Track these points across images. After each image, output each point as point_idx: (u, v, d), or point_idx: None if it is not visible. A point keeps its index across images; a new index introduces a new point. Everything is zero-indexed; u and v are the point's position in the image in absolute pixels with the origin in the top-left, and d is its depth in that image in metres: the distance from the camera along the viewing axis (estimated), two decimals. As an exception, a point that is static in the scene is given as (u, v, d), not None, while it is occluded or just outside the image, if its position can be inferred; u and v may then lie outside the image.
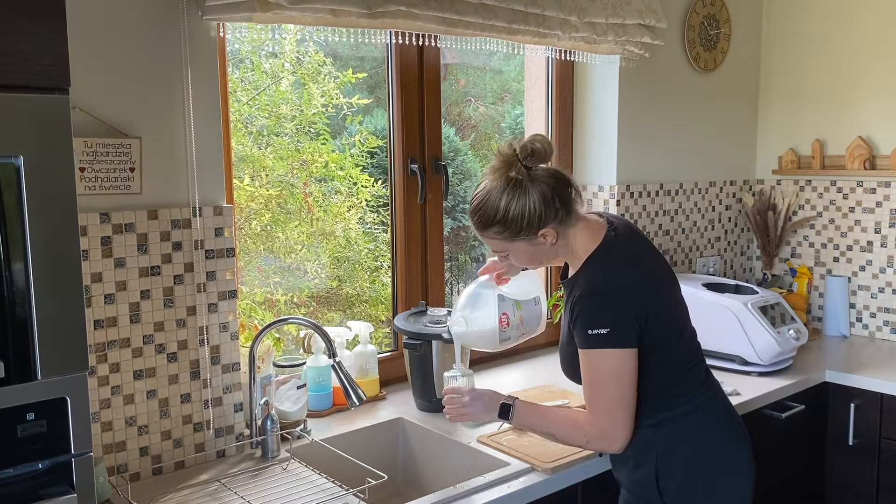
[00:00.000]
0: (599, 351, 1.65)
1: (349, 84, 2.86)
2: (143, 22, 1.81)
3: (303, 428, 2.10)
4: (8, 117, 1.17)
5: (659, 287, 1.76)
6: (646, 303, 1.68)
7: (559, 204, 1.69)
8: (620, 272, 1.70)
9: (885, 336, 3.13)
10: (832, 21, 3.18)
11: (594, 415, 1.69)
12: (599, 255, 1.71)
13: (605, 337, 1.63)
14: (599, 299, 1.66)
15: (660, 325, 1.70)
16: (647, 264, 1.78)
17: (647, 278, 1.74)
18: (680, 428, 1.73)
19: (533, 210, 1.66)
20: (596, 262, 1.71)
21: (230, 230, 1.98)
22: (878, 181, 3.10)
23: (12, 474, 1.23)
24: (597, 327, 1.63)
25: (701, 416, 1.75)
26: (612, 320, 1.63)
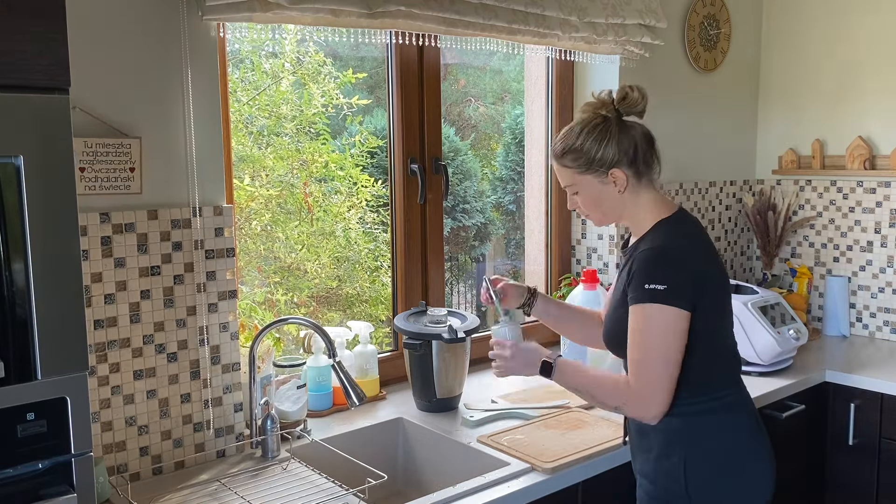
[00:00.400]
0: (653, 306, 1.63)
1: (349, 84, 2.87)
2: (143, 22, 1.81)
3: (303, 428, 2.10)
4: (8, 117, 1.17)
5: (719, 275, 1.76)
6: (705, 277, 1.69)
7: (638, 154, 1.73)
8: (688, 241, 1.72)
9: (885, 336, 3.13)
10: (832, 21, 3.18)
11: (636, 375, 1.67)
12: (671, 222, 1.73)
13: (661, 293, 1.62)
14: (663, 255, 1.66)
15: (712, 309, 1.70)
16: (713, 253, 1.79)
17: (711, 261, 1.75)
18: (711, 422, 1.72)
19: (610, 147, 1.71)
20: (664, 227, 1.73)
21: (230, 230, 1.98)
22: (878, 181, 3.10)
23: (12, 474, 1.23)
24: (655, 282, 1.63)
25: (732, 414, 1.75)
26: (671, 277, 1.63)
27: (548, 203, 3.01)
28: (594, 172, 1.73)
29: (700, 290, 1.66)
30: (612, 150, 1.71)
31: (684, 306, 1.63)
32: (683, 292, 1.64)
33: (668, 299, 1.62)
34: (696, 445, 1.72)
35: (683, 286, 1.64)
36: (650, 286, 1.63)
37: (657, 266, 1.65)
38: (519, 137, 3.42)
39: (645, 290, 1.64)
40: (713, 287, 1.72)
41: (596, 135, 1.72)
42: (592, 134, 1.72)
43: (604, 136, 1.71)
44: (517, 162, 3.52)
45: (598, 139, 1.71)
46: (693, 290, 1.65)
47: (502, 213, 3.73)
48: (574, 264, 3.06)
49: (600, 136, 1.71)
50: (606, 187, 1.74)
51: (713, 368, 1.74)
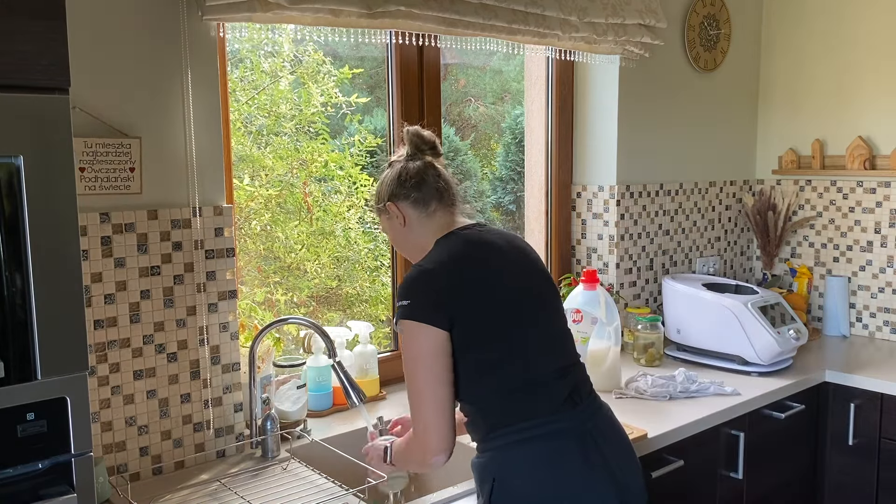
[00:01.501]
0: (402, 322, 1.57)
1: (347, 81, 2.86)
2: (143, 22, 1.81)
3: (303, 428, 2.10)
4: (8, 117, 1.17)
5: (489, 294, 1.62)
6: (465, 294, 1.59)
7: (410, 185, 1.70)
8: (451, 256, 1.63)
9: (885, 336, 3.13)
10: (832, 21, 3.18)
11: (411, 411, 1.60)
12: (441, 240, 1.69)
13: (406, 308, 1.57)
14: (414, 271, 1.62)
15: (483, 330, 1.59)
16: (488, 254, 1.66)
17: (476, 271, 1.63)
18: (516, 455, 1.58)
19: (384, 185, 1.74)
20: (433, 248, 1.68)
21: (230, 230, 1.98)
22: (878, 181, 3.10)
23: (12, 474, 1.23)
24: (402, 298, 1.59)
25: (542, 447, 1.57)
26: (415, 293, 1.58)
27: (548, 203, 3.01)
28: (380, 212, 1.78)
29: (460, 305, 1.57)
30: (386, 188, 1.74)
31: (433, 322, 1.54)
32: (431, 307, 1.56)
33: (414, 314, 1.56)
34: (504, 484, 1.58)
35: (432, 302, 1.56)
36: (399, 303, 1.59)
37: (406, 283, 1.61)
38: (519, 137, 3.42)
39: (398, 308, 1.59)
40: (481, 302, 1.59)
41: (381, 177, 1.78)
42: (380, 178, 1.79)
43: (382, 180, 1.76)
44: (517, 162, 3.52)
45: (380, 183, 1.77)
46: (448, 307, 1.56)
47: (502, 213, 3.73)
48: (574, 264, 3.06)
49: (382, 177, 1.77)
50: (392, 223, 1.75)
51: (503, 397, 1.60)
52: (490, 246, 1.69)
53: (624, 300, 2.96)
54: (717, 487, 2.35)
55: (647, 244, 3.05)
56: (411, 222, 1.72)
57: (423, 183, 1.71)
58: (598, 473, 1.59)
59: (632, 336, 2.78)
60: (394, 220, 1.74)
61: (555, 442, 1.58)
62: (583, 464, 1.58)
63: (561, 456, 1.57)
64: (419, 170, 1.72)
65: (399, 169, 1.73)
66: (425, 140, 1.75)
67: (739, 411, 2.35)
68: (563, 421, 1.60)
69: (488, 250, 1.68)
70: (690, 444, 2.19)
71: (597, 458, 1.59)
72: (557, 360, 1.67)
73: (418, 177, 1.71)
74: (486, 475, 1.60)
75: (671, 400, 2.35)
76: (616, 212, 2.92)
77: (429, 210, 1.71)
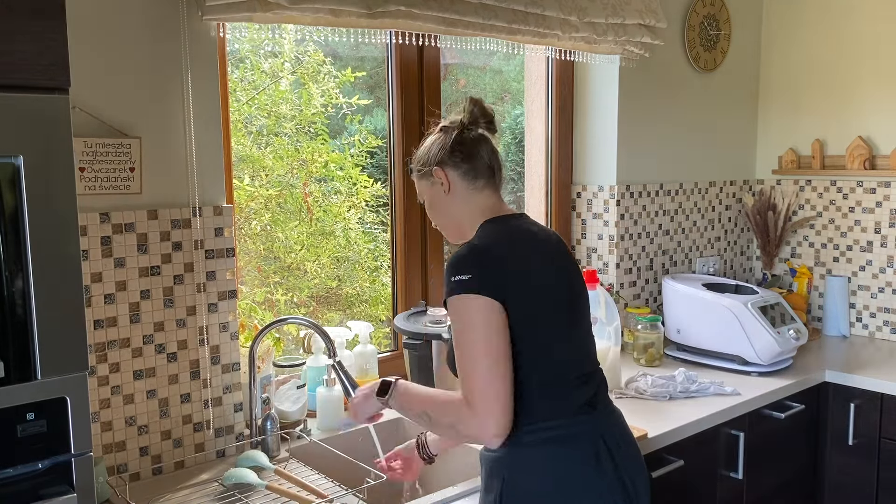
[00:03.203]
0: (460, 297, 1.51)
1: (349, 83, 2.86)
2: (143, 22, 1.81)
3: (302, 428, 2.10)
4: (8, 117, 1.17)
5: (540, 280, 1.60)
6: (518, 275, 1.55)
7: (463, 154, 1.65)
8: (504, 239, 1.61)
9: (885, 336, 3.13)
10: (832, 21, 3.18)
11: (464, 384, 1.50)
12: (494, 222, 1.65)
13: (467, 282, 1.50)
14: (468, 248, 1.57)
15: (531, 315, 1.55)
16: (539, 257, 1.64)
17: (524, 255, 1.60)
18: (531, 456, 1.55)
19: (434, 147, 1.68)
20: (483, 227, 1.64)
21: (230, 230, 1.98)
22: (878, 181, 3.10)
23: (12, 474, 1.23)
24: (459, 274, 1.52)
25: (558, 450, 1.55)
26: (471, 267, 1.52)
27: (548, 203, 3.01)
28: (423, 175, 1.71)
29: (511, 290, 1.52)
30: (436, 152, 1.67)
31: (493, 295, 1.50)
32: (487, 281, 1.50)
33: (475, 287, 1.49)
34: (514, 483, 1.56)
35: (487, 276, 1.51)
36: (454, 278, 1.52)
37: (461, 258, 1.55)
38: (519, 137, 3.42)
39: (449, 284, 1.53)
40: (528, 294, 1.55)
41: (427, 142, 1.72)
42: (426, 142, 1.73)
43: (433, 142, 1.70)
44: (517, 162, 3.52)
45: (427, 145, 1.71)
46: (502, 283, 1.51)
47: (502, 213, 3.72)
48: (574, 264, 3.05)
49: (430, 143, 1.71)
50: (434, 189, 1.69)
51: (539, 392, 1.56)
52: (537, 241, 1.66)
53: (624, 300, 2.96)
54: (717, 487, 2.35)
55: (647, 244, 3.05)
56: (456, 192, 1.67)
57: (476, 156, 1.66)
58: (609, 479, 1.58)
59: (632, 336, 2.78)
60: (436, 186, 1.68)
61: (571, 445, 1.56)
62: (595, 469, 1.57)
63: (575, 460, 1.56)
64: (475, 141, 1.67)
65: (454, 135, 1.67)
66: (486, 112, 1.68)
67: (739, 411, 2.35)
68: (581, 425, 1.58)
69: (536, 245, 1.65)
70: (690, 444, 2.19)
71: (608, 464, 1.58)
72: (585, 364, 1.66)
73: (473, 148, 1.66)
74: (496, 471, 1.58)
75: (671, 400, 2.35)
76: (616, 212, 2.92)
77: (477, 185, 1.67)
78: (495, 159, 1.69)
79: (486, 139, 1.69)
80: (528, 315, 1.55)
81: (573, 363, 1.63)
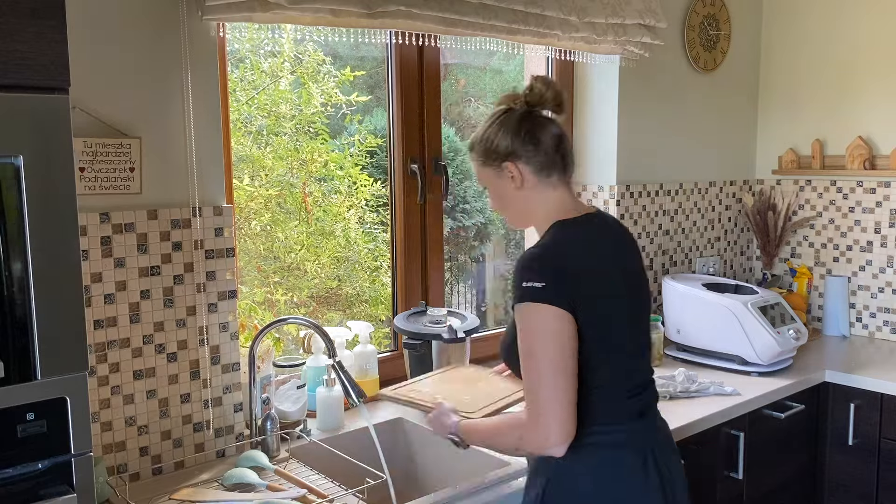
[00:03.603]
0: (529, 305, 1.48)
1: (348, 83, 2.86)
2: (143, 22, 1.80)
3: (302, 428, 2.10)
4: (8, 117, 1.17)
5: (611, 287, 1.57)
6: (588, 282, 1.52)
7: (540, 149, 1.57)
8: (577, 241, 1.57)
9: (885, 336, 3.13)
10: (832, 21, 3.18)
11: (529, 395, 1.49)
12: (567, 223, 1.59)
13: (539, 290, 1.47)
14: (540, 251, 1.54)
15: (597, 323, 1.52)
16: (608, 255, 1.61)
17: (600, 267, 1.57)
18: (579, 458, 1.52)
19: (505, 138, 1.58)
20: (556, 228, 1.59)
21: (230, 230, 1.98)
22: (878, 181, 3.10)
23: (12, 474, 1.23)
24: (531, 280, 1.48)
25: (607, 454, 1.55)
26: (543, 275, 1.48)
27: (548, 203, 3.01)
28: (491, 165, 1.61)
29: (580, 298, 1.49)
30: (507, 142, 1.58)
31: (563, 306, 1.47)
32: (559, 290, 1.47)
33: (547, 298, 1.46)
34: (559, 482, 1.55)
35: (559, 285, 1.47)
36: (526, 284, 1.48)
37: (532, 262, 1.51)
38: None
39: (521, 289, 1.49)
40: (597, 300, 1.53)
41: (495, 126, 1.60)
42: (493, 125, 1.61)
43: (500, 127, 1.59)
44: (517, 162, 3.51)
45: (495, 130, 1.60)
46: (573, 293, 1.48)
47: (502, 213, 3.72)
48: (574, 264, 3.05)
49: (497, 127, 1.60)
50: (503, 181, 1.61)
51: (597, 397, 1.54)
52: (613, 245, 1.63)
53: (624, 300, 2.96)
54: (717, 487, 2.35)
55: (647, 244, 3.05)
56: (528, 186, 1.59)
57: (547, 145, 1.57)
58: (654, 489, 1.56)
59: (632, 336, 2.78)
60: (505, 180, 1.60)
61: (620, 451, 1.55)
62: (642, 478, 1.56)
63: (622, 467, 1.55)
64: (555, 135, 1.59)
65: (519, 117, 1.58)
66: (555, 90, 1.59)
67: (739, 411, 2.35)
68: (632, 432, 1.57)
69: (611, 250, 1.62)
70: (690, 444, 2.19)
71: (654, 473, 1.57)
72: (645, 372, 1.66)
73: (544, 134, 1.58)
74: (541, 469, 1.58)
75: (671, 400, 2.35)
76: (616, 212, 2.92)
77: (551, 179, 1.59)
78: (567, 147, 1.61)
79: (554, 123, 1.61)
80: (597, 322, 1.52)
81: (632, 372, 1.62)
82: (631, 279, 1.64)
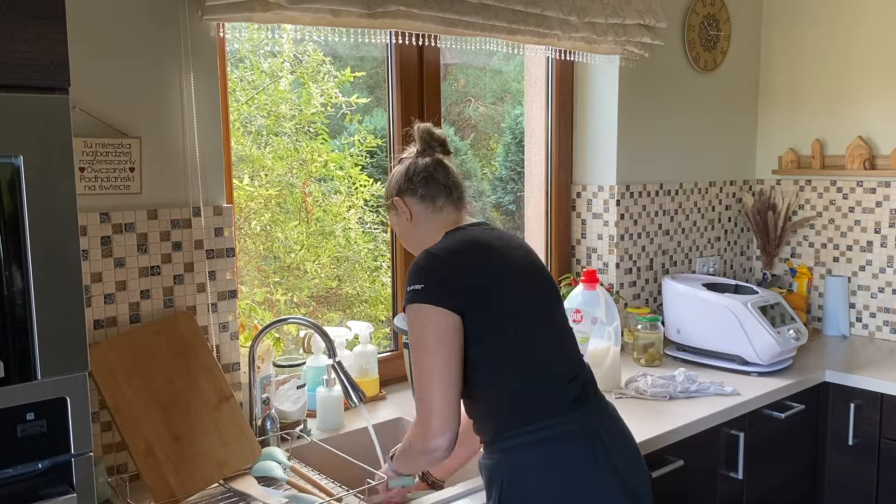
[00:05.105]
0: (412, 306, 1.57)
1: (348, 83, 2.87)
2: (143, 22, 1.81)
3: (302, 428, 2.10)
4: (8, 117, 1.17)
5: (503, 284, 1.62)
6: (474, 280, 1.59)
7: (416, 180, 1.73)
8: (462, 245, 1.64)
9: (884, 336, 3.13)
10: (832, 21, 3.18)
11: (417, 398, 1.58)
12: (451, 232, 1.70)
13: (419, 292, 1.55)
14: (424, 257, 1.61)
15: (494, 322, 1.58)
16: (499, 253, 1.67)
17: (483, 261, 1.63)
18: (527, 457, 1.56)
19: (394, 177, 1.77)
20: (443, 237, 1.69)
21: (230, 230, 1.98)
22: (878, 181, 3.10)
23: (12, 474, 1.23)
24: (413, 284, 1.57)
25: (556, 448, 1.56)
26: (427, 276, 1.57)
27: (548, 203, 3.01)
28: (389, 208, 1.80)
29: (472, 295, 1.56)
30: (393, 184, 1.77)
31: (445, 304, 1.54)
32: (444, 291, 1.55)
33: (426, 298, 1.54)
34: (514, 485, 1.56)
35: (444, 286, 1.56)
36: (410, 287, 1.57)
37: (416, 267, 1.60)
38: (519, 137, 3.42)
39: (406, 294, 1.58)
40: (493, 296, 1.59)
41: (393, 173, 1.80)
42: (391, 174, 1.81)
43: (395, 172, 1.78)
44: (517, 162, 3.52)
45: (392, 176, 1.79)
46: (460, 292, 1.56)
47: (502, 213, 3.72)
48: (574, 264, 3.06)
49: (393, 173, 1.79)
50: (399, 219, 1.78)
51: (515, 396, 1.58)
52: (497, 244, 1.69)
53: (624, 300, 2.96)
54: (717, 487, 2.35)
55: (647, 244, 3.05)
56: (418, 217, 1.74)
57: (432, 179, 1.73)
58: (607, 476, 1.58)
59: (632, 336, 2.78)
60: (401, 216, 1.76)
61: (565, 444, 1.57)
62: (592, 466, 1.57)
63: (571, 458, 1.57)
64: (427, 166, 1.75)
65: (408, 164, 1.76)
66: (435, 137, 1.77)
67: (739, 411, 2.35)
68: (572, 423, 1.59)
69: (496, 248, 1.67)
70: (690, 444, 2.19)
71: (605, 460, 1.58)
72: (566, 362, 1.67)
73: (426, 172, 1.74)
74: (494, 476, 1.59)
75: (671, 400, 2.35)
76: (616, 212, 2.92)
77: (436, 205, 1.73)
78: (450, 178, 1.75)
79: (439, 161, 1.76)
80: (493, 321, 1.58)
81: (557, 361, 1.65)
82: (525, 273, 1.69)
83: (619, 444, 1.64)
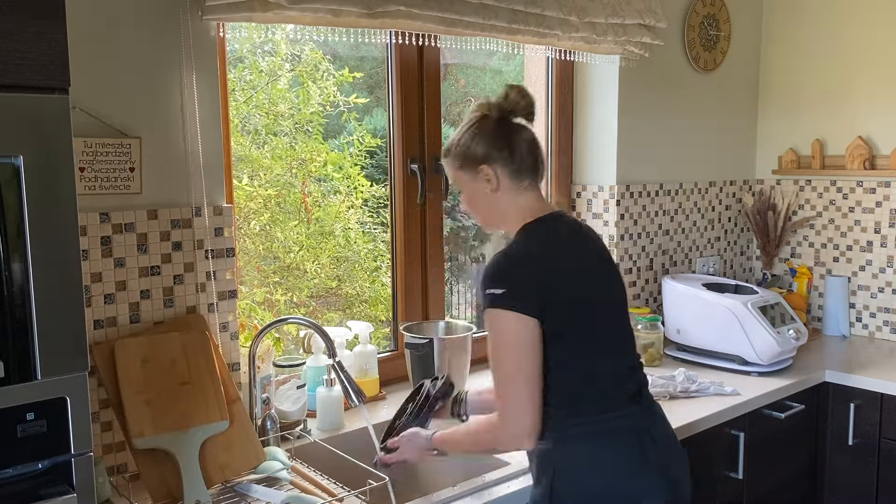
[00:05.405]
0: (493, 311, 1.55)
1: (347, 84, 2.86)
2: (143, 22, 1.81)
3: (302, 428, 2.10)
4: (8, 117, 1.17)
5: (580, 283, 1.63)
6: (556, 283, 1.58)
7: (515, 155, 1.64)
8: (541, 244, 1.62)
9: (884, 336, 3.13)
10: (832, 21, 3.18)
11: (498, 396, 1.58)
12: (530, 225, 1.65)
13: (499, 296, 1.54)
14: (503, 257, 1.60)
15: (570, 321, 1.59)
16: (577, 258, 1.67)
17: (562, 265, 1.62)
18: (581, 449, 1.59)
19: (481, 143, 1.64)
20: (522, 231, 1.65)
21: (230, 230, 1.98)
22: (878, 181, 3.10)
23: (12, 474, 1.23)
24: (493, 286, 1.55)
25: (607, 441, 1.60)
26: (508, 281, 1.56)
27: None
28: (467, 169, 1.67)
29: (549, 297, 1.56)
30: (483, 147, 1.64)
31: (528, 311, 1.54)
32: (525, 296, 1.54)
33: (509, 304, 1.54)
34: (565, 473, 1.58)
35: (525, 291, 1.55)
36: (489, 290, 1.56)
37: (496, 270, 1.58)
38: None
39: (486, 296, 1.56)
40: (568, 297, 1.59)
41: (471, 131, 1.67)
42: (469, 130, 1.67)
43: (476, 132, 1.66)
44: (517, 162, 3.51)
45: (471, 135, 1.66)
46: (539, 295, 1.55)
47: (502, 213, 3.73)
48: (574, 264, 3.05)
49: (473, 132, 1.66)
50: (478, 185, 1.66)
51: (579, 388, 1.61)
52: (578, 239, 1.69)
53: (624, 300, 2.96)
54: (717, 487, 2.35)
55: (647, 244, 3.05)
56: (503, 193, 1.65)
57: (521, 151, 1.64)
58: (654, 472, 1.61)
59: (632, 336, 2.78)
60: (480, 183, 1.66)
61: (619, 438, 1.61)
62: (642, 462, 1.61)
63: (623, 452, 1.60)
64: (530, 142, 1.65)
65: (494, 124, 1.65)
66: (528, 100, 1.66)
67: (739, 411, 2.35)
68: (628, 418, 1.62)
69: (577, 244, 1.68)
70: (690, 444, 2.18)
71: (653, 456, 1.62)
72: (629, 359, 1.72)
73: (519, 140, 1.64)
74: (546, 463, 1.61)
75: (671, 400, 2.35)
76: (616, 212, 2.92)
77: (522, 184, 1.66)
78: (539, 152, 1.67)
79: (527, 130, 1.67)
80: (568, 322, 1.59)
81: (623, 358, 1.69)
82: (601, 274, 1.70)
83: (667, 442, 1.69)
